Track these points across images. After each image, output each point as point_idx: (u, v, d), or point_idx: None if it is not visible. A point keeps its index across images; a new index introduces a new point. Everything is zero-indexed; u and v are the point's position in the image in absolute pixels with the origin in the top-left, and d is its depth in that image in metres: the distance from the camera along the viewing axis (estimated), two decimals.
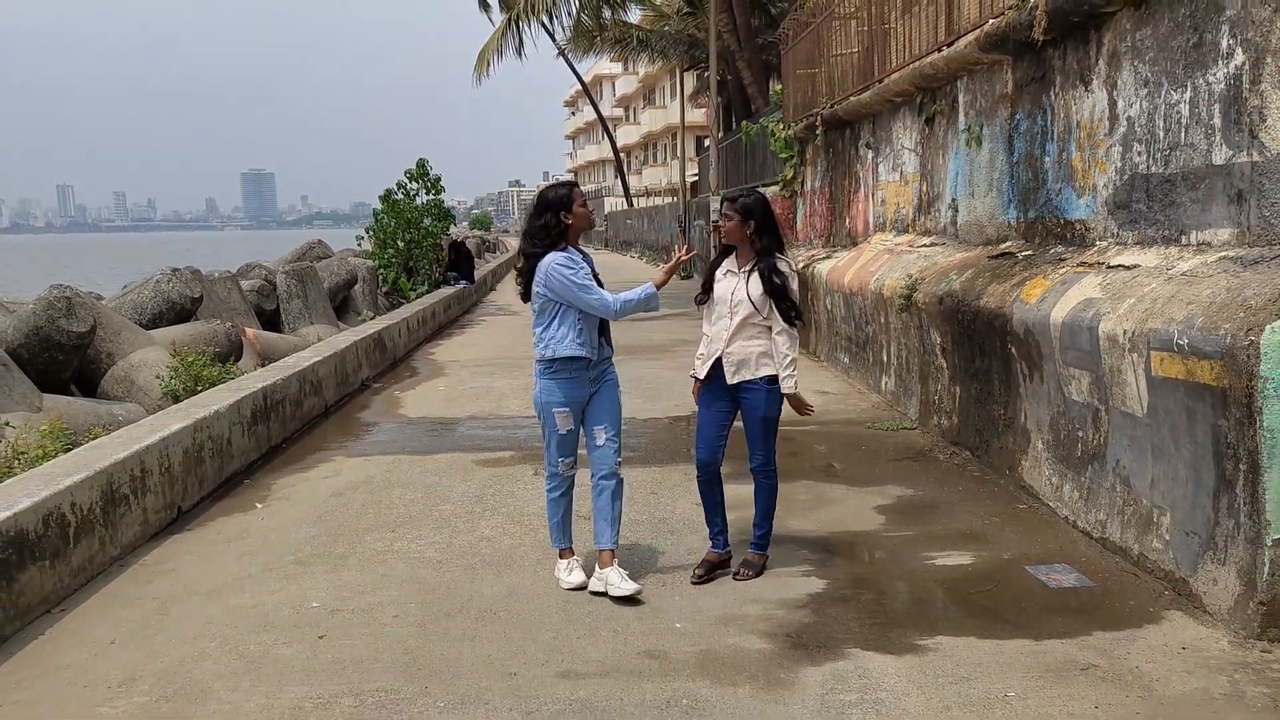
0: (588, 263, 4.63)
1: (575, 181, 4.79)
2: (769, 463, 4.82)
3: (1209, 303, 4.26)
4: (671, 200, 40.16)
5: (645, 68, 42.60)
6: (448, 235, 21.88)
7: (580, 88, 51.54)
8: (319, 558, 5.20)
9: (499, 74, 30.14)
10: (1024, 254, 6.70)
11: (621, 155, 56.86)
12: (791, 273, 4.74)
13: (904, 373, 8.50)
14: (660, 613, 4.34)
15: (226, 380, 8.42)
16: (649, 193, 61.69)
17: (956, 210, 8.39)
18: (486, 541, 5.38)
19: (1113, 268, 5.38)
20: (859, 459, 7.04)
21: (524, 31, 25.85)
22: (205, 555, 5.33)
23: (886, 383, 9.04)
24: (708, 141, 26.35)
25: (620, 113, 70.72)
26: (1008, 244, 7.14)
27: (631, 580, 4.52)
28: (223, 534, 5.70)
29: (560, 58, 35.80)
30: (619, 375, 4.85)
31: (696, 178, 37.52)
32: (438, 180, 20.72)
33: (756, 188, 7.08)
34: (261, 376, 8.02)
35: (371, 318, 14.35)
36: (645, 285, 4.68)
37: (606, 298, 4.55)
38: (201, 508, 6.20)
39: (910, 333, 8.23)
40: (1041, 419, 5.82)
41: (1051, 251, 6.38)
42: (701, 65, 28.55)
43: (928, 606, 4.40)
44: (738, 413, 4.83)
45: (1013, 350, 6.13)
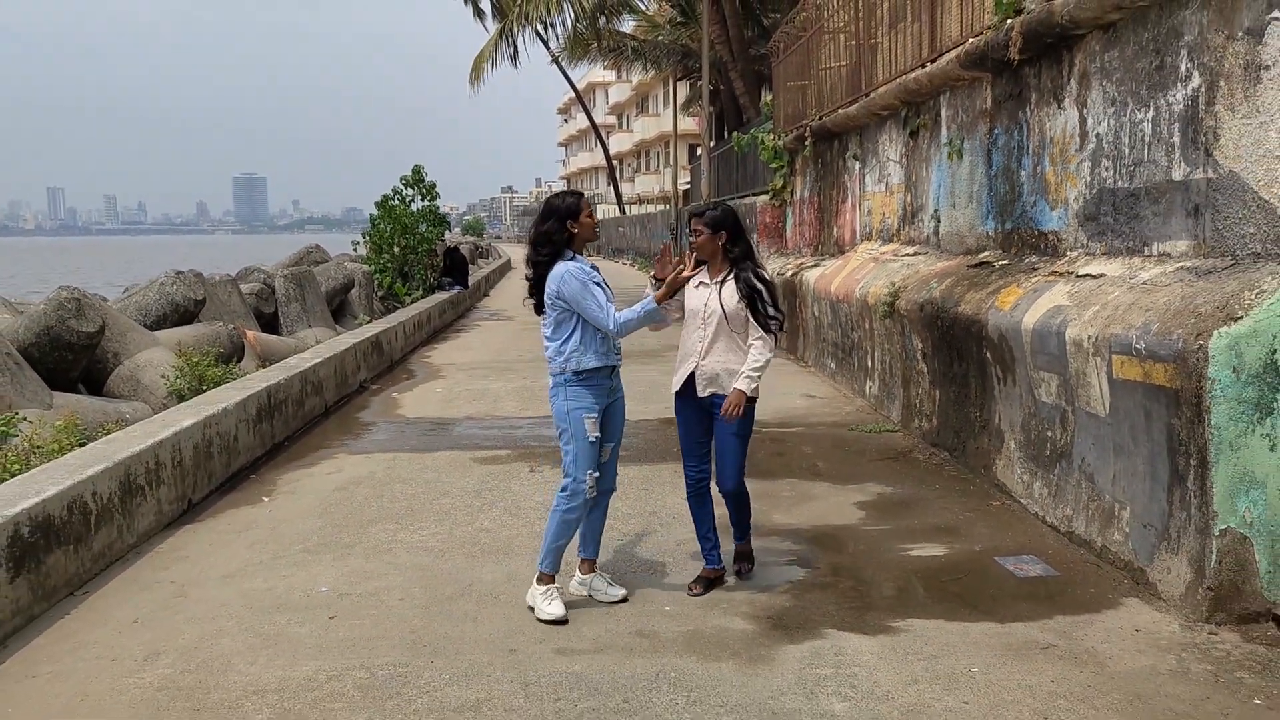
0: (596, 273, 4.58)
1: (583, 193, 4.74)
2: (740, 485, 4.72)
3: (1165, 310, 4.57)
4: (664, 208, 40.50)
5: (638, 76, 42.98)
6: (442, 241, 22.13)
7: (574, 95, 51.87)
8: (326, 547, 5.46)
9: (492, 80, 30.51)
10: (1000, 263, 7.00)
11: (614, 163, 57.17)
12: (771, 283, 4.68)
13: (887, 377, 8.80)
14: (650, 597, 4.62)
15: (229, 380, 8.66)
16: (641, 200, 62.02)
17: (939, 221, 8.70)
18: (485, 532, 5.64)
19: (1081, 277, 5.69)
20: (842, 459, 7.33)
21: (518, 39, 26.16)
22: (217, 544, 5.58)
23: (871, 387, 9.34)
24: (700, 150, 26.68)
25: (613, 120, 71.09)
26: (986, 254, 7.45)
27: (618, 585, 4.64)
28: (232, 525, 5.95)
29: (554, 65, 36.12)
30: None
31: (689, 186, 37.88)
32: (433, 186, 20.97)
33: (727, 200, 7.34)
34: (266, 376, 8.28)
35: (368, 321, 14.60)
36: (645, 300, 4.50)
37: (612, 316, 4.40)
38: (210, 500, 6.46)
39: (893, 339, 8.53)
40: (1014, 420, 6.12)
41: (1026, 261, 6.69)
42: (694, 75, 28.91)
43: (901, 593, 4.69)
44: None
45: (988, 355, 6.43)
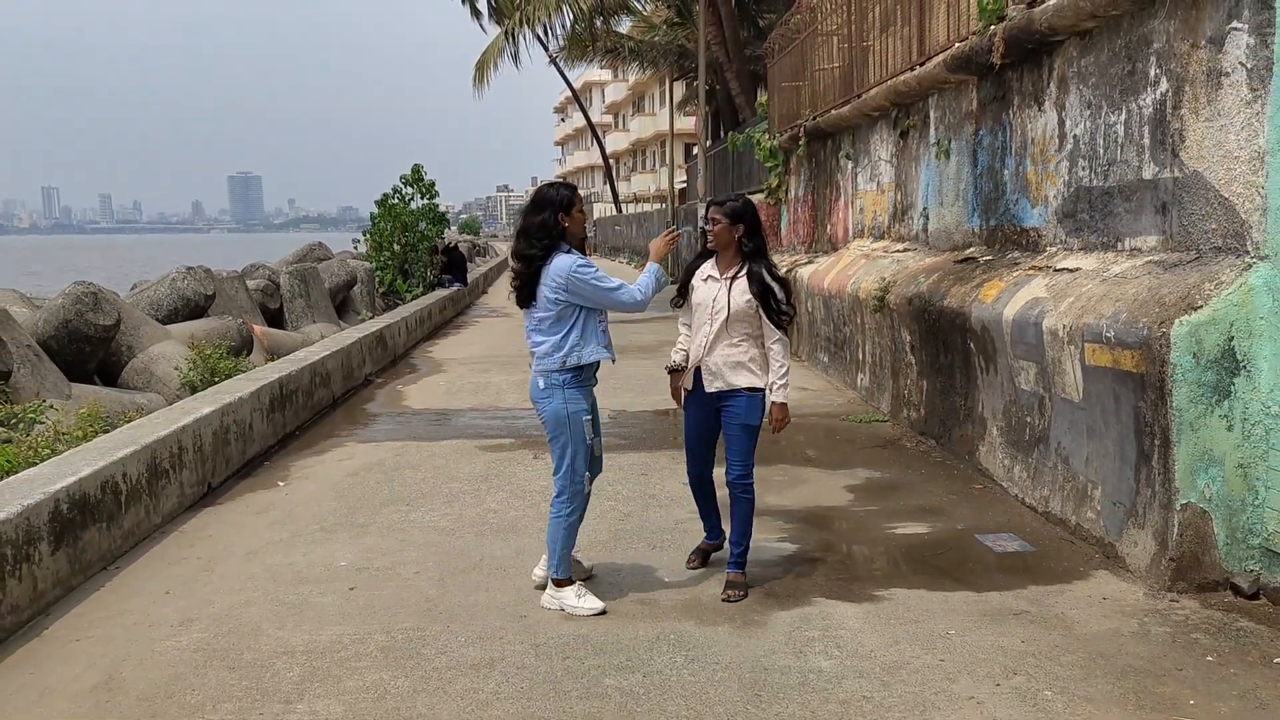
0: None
1: (575, 186, 4.72)
2: (747, 475, 4.66)
3: (1133, 300, 4.87)
4: (660, 207, 40.80)
5: (635, 76, 43.30)
6: (442, 239, 22.43)
7: (570, 94, 52.15)
8: (342, 527, 5.75)
9: (490, 79, 30.72)
10: (985, 259, 7.31)
11: (611, 162, 57.46)
12: (784, 279, 4.68)
13: (878, 369, 9.10)
14: (650, 569, 4.92)
15: (240, 373, 8.95)
16: (638, 199, 62.31)
17: (927, 218, 9.00)
18: (493, 513, 5.94)
19: (1058, 270, 5.99)
20: (833, 447, 7.64)
21: (519, 41, 26.45)
22: (238, 524, 5.87)
23: (862, 379, 9.64)
24: (696, 149, 26.98)
25: (610, 119, 71.39)
26: (972, 249, 7.76)
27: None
28: (251, 507, 6.25)
29: (551, 65, 36.41)
30: (611, 373, 5.19)
31: (685, 185, 38.17)
32: (432, 185, 21.28)
33: (743, 194, 7.55)
34: (277, 368, 8.57)
35: (370, 317, 14.89)
36: (648, 266, 4.57)
37: (633, 291, 4.42)
38: (228, 485, 6.75)
39: (883, 332, 8.84)
40: (996, 408, 6.42)
41: (1009, 256, 6.99)
42: (691, 75, 29.20)
43: (886, 566, 4.99)
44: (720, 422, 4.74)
45: (972, 346, 6.74)
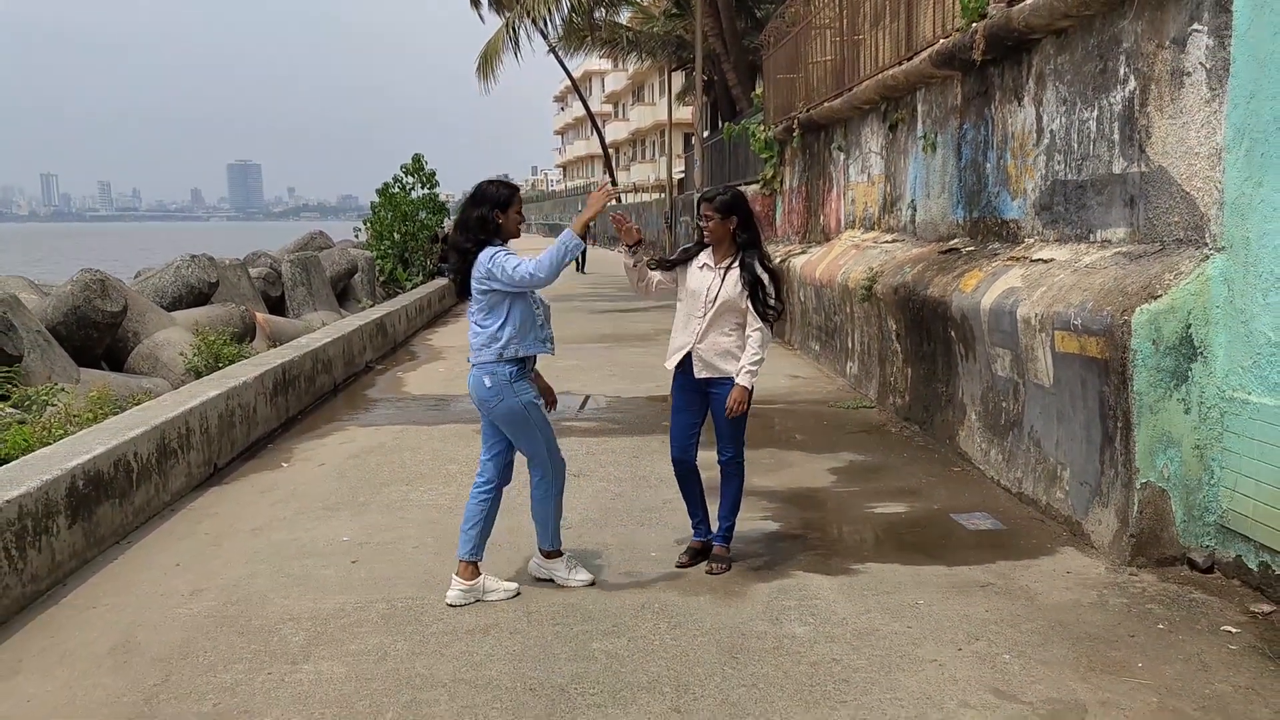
0: None
1: (517, 187, 4.63)
2: (739, 456, 4.83)
3: (1099, 290, 5.10)
4: (659, 196, 40.97)
5: (634, 66, 43.38)
6: (442, 228, 22.63)
7: (570, 83, 52.21)
8: (344, 505, 5.99)
9: (495, 73, 30.80)
10: (967, 249, 7.54)
11: (610, 151, 57.56)
12: (775, 270, 4.74)
13: (865, 357, 9.34)
14: (638, 545, 5.16)
15: (244, 359, 9.18)
16: (637, 189, 62.42)
17: (915, 210, 9.22)
18: None
19: (1034, 261, 6.22)
20: (819, 431, 7.88)
21: (519, 32, 26.57)
22: (243, 503, 6.11)
23: (851, 367, 9.87)
24: (694, 139, 27.14)
25: (609, 109, 71.44)
26: (956, 240, 7.99)
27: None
28: (255, 487, 6.48)
29: (550, 54, 36.52)
30: (607, 360, 5.43)
31: (684, 175, 38.35)
32: (432, 174, 21.47)
33: (735, 185, 7.73)
34: (280, 354, 8.80)
35: (371, 305, 15.11)
36: (562, 234, 4.33)
37: (528, 265, 4.28)
38: (233, 466, 6.99)
39: (871, 321, 9.07)
40: (975, 394, 6.66)
41: (990, 247, 7.22)
42: (689, 65, 29.35)
43: (863, 543, 5.24)
44: (709, 408, 4.84)
45: (953, 334, 6.97)
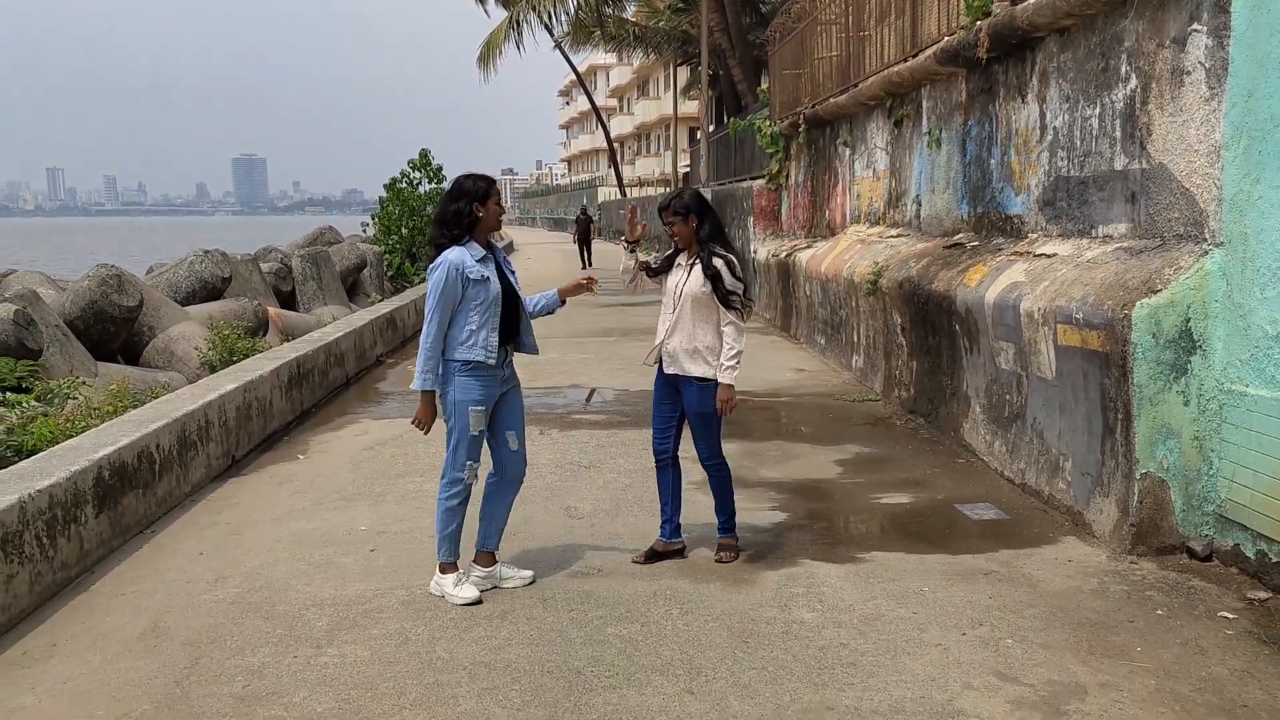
0: (494, 256, 4.53)
1: (494, 179, 4.67)
2: (714, 455, 4.84)
3: (1100, 284, 5.21)
4: (664, 190, 41.06)
5: (640, 60, 43.48)
6: None
7: (575, 78, 52.27)
8: (360, 495, 6.12)
9: (496, 65, 30.91)
10: (972, 244, 7.64)
11: (615, 145, 57.62)
12: (729, 257, 4.69)
13: (871, 351, 9.44)
14: (648, 534, 5.26)
15: (257, 353, 9.32)
16: (642, 183, 62.50)
17: (920, 205, 9.32)
18: None
19: (1037, 256, 6.32)
20: (825, 424, 7.99)
21: (524, 26, 26.69)
22: (262, 493, 6.25)
23: (856, 360, 9.98)
24: (699, 134, 27.23)
25: (614, 103, 71.51)
26: (960, 235, 8.09)
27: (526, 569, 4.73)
28: (273, 478, 6.62)
29: (556, 50, 36.61)
30: (612, 354, 5.52)
31: (689, 169, 38.40)
32: (440, 169, 21.56)
33: (725, 183, 7.80)
34: (294, 348, 8.94)
35: (379, 300, 15.23)
36: (422, 362, 4.40)
37: (428, 330, 4.38)
38: (250, 458, 7.12)
39: (876, 315, 9.17)
40: (979, 386, 6.77)
41: (994, 242, 7.32)
42: (694, 60, 29.43)
43: (869, 532, 5.36)
44: None
45: (957, 328, 7.08)
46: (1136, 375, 4.78)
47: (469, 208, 4.42)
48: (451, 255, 4.38)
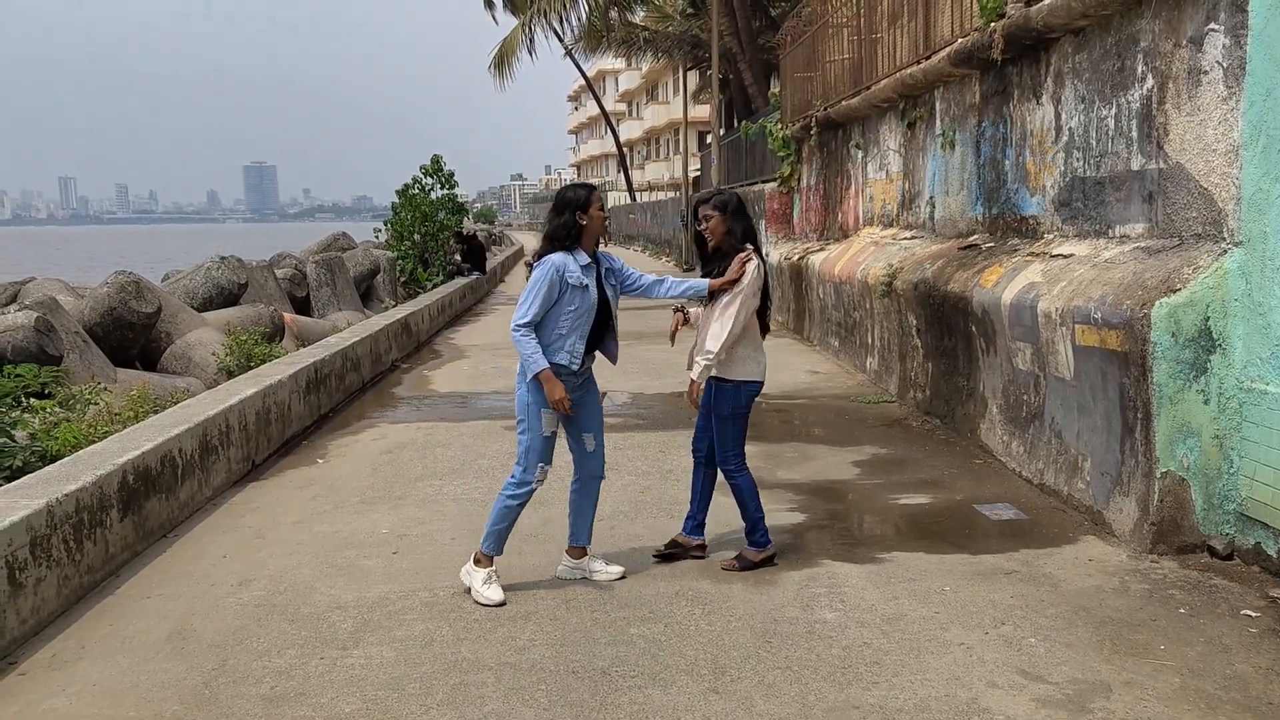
0: (598, 267, 4.59)
1: (594, 186, 4.75)
2: (727, 461, 4.84)
3: (1119, 284, 5.22)
4: (674, 194, 41.08)
5: (649, 64, 43.56)
6: (460, 229, 22.84)
7: (584, 83, 52.43)
8: (381, 499, 6.16)
9: (510, 73, 31.02)
10: (987, 245, 7.65)
11: (624, 150, 57.74)
12: (757, 263, 4.72)
13: (885, 353, 9.45)
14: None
15: (274, 358, 9.37)
16: (652, 187, 62.59)
17: (934, 206, 9.33)
18: None
19: (1054, 256, 6.33)
20: (841, 426, 8.00)
21: (534, 33, 26.79)
22: (282, 497, 6.29)
23: (870, 362, 9.99)
24: (710, 137, 27.25)
25: (623, 108, 71.61)
26: (975, 237, 8.09)
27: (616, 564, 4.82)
28: (293, 482, 6.66)
29: (566, 57, 36.72)
30: (628, 357, 5.49)
31: (699, 173, 38.43)
32: (451, 175, 21.67)
33: (736, 187, 7.85)
34: (312, 353, 8.99)
35: (393, 305, 15.30)
36: (528, 354, 4.44)
37: (522, 312, 4.44)
38: (270, 462, 7.17)
39: (891, 316, 9.18)
40: (996, 387, 6.77)
41: (1009, 243, 7.33)
42: (704, 64, 29.48)
43: (888, 532, 5.37)
44: None
45: (973, 329, 7.08)
46: (1156, 374, 4.78)
47: (573, 218, 4.50)
48: (555, 258, 4.47)
